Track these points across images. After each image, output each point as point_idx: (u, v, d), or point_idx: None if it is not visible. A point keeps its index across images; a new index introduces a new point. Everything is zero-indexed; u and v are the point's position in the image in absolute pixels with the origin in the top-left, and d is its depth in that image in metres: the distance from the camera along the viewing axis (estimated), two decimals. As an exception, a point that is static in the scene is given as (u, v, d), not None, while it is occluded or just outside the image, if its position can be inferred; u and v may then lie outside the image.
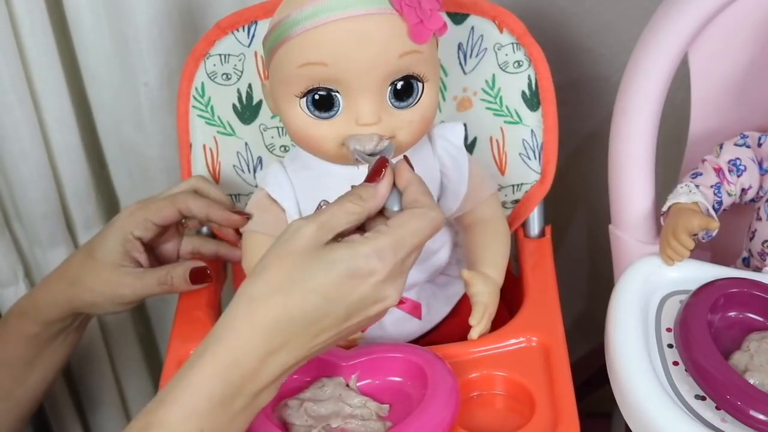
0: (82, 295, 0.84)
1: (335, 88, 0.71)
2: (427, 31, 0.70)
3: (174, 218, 0.84)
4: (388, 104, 0.72)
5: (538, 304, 0.82)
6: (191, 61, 0.87)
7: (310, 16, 0.69)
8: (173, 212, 0.83)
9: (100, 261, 0.83)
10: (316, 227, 0.63)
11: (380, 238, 0.63)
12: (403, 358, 0.74)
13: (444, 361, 0.73)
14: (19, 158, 0.99)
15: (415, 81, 0.72)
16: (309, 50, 0.70)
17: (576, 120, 1.09)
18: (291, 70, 0.71)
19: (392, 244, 0.62)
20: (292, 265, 0.62)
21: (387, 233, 0.63)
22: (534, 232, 0.92)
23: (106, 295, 0.83)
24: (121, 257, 0.83)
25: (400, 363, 0.74)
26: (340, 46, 0.69)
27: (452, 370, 0.72)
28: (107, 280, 0.83)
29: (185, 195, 0.84)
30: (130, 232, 0.83)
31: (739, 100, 0.89)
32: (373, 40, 0.69)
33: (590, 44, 1.06)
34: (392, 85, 0.72)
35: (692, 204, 0.80)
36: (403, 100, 0.73)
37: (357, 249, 0.62)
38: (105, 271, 0.83)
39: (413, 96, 0.73)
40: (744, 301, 0.76)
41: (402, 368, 0.74)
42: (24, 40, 0.95)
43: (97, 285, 0.83)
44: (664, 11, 0.83)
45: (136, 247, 0.83)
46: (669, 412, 0.69)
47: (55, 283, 0.86)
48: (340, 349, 0.75)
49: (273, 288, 0.62)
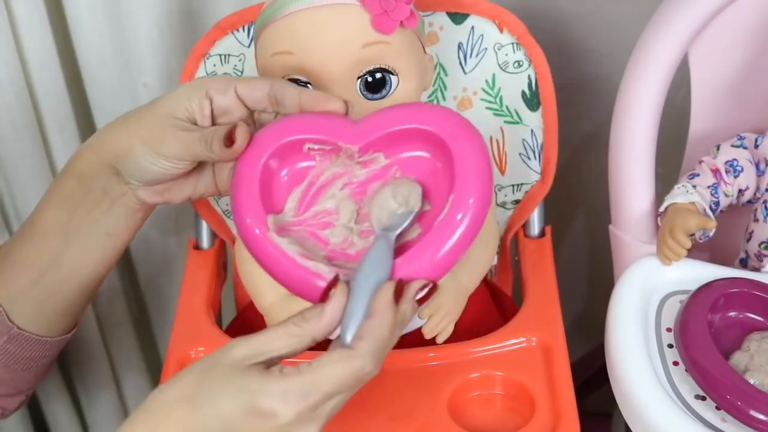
0: (121, 137, 0.73)
1: (305, 78, 0.72)
2: (391, 21, 0.71)
3: (261, 103, 0.71)
4: (360, 96, 0.73)
5: (538, 304, 0.82)
6: (191, 61, 0.87)
7: (279, 7, 0.72)
8: (263, 95, 0.71)
9: (159, 107, 0.72)
10: (247, 348, 0.60)
11: (291, 379, 0.59)
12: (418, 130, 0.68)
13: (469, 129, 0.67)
14: (19, 158, 1.00)
15: (387, 74, 0.73)
16: (277, 40, 0.72)
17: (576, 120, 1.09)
18: (266, 60, 0.74)
19: (302, 389, 0.58)
20: (206, 381, 0.60)
21: (303, 374, 0.59)
22: (534, 232, 0.92)
23: (147, 140, 0.71)
24: (183, 110, 0.71)
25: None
26: (302, 35, 0.71)
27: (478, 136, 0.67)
28: (153, 125, 0.71)
29: (284, 81, 0.72)
30: (206, 89, 0.71)
31: (740, 100, 0.89)
32: (334, 29, 0.71)
33: (590, 44, 1.06)
34: (363, 77, 0.72)
35: (689, 204, 0.80)
36: (375, 93, 0.73)
37: (265, 385, 0.59)
38: (157, 118, 0.72)
39: (385, 88, 0.73)
40: (744, 301, 0.76)
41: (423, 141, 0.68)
42: (23, 41, 0.95)
43: (141, 128, 0.72)
44: (664, 11, 0.83)
45: (203, 106, 0.71)
46: (669, 412, 0.69)
47: (103, 128, 0.76)
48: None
49: (181, 398, 0.60)
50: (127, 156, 0.72)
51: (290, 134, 0.68)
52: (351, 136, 0.67)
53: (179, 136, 0.70)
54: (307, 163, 0.69)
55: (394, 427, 0.72)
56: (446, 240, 0.63)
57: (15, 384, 0.82)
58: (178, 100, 0.72)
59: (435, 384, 0.75)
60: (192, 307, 0.85)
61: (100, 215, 0.76)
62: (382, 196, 0.67)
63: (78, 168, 0.76)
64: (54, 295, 0.78)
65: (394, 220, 0.66)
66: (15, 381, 0.82)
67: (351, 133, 0.67)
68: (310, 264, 0.64)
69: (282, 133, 0.68)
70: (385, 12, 0.71)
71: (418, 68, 0.75)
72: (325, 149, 0.68)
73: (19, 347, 0.79)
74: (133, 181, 0.74)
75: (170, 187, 0.75)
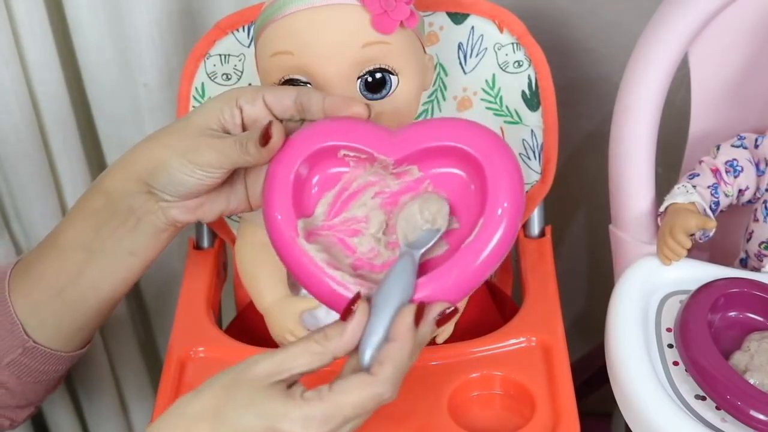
0: (154, 151, 0.72)
1: (305, 78, 0.72)
2: (391, 21, 0.71)
3: (288, 110, 0.71)
4: (360, 96, 0.73)
5: (538, 304, 0.82)
6: (191, 61, 0.87)
7: (279, 7, 0.72)
8: (290, 103, 0.70)
9: (191, 120, 0.72)
10: (270, 365, 0.61)
11: (314, 404, 0.60)
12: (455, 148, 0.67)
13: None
14: (19, 159, 1.00)
15: (387, 74, 0.73)
16: (277, 40, 0.72)
17: (576, 120, 1.09)
18: (266, 61, 0.74)
19: (324, 415, 0.60)
20: (231, 398, 0.60)
21: (324, 400, 0.60)
22: (534, 232, 0.92)
23: (180, 151, 0.70)
24: (216, 121, 0.71)
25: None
26: (302, 34, 0.71)
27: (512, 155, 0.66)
28: (187, 137, 0.71)
29: (309, 89, 0.72)
30: (235, 99, 0.71)
31: (740, 100, 0.89)
32: (334, 29, 0.71)
33: (590, 44, 1.06)
34: (363, 77, 0.72)
35: (689, 204, 0.80)
36: (375, 93, 0.73)
37: (288, 409, 0.60)
38: (190, 130, 0.71)
39: (385, 88, 0.73)
40: (744, 301, 0.76)
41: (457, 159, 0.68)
42: (23, 41, 0.95)
43: (175, 141, 0.71)
44: (664, 11, 0.83)
45: (234, 116, 0.71)
46: (669, 412, 0.69)
47: (135, 145, 0.75)
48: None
49: (204, 413, 0.60)
50: (161, 169, 0.71)
51: (326, 139, 0.67)
52: (388, 148, 0.67)
53: (213, 143, 0.70)
54: (340, 169, 0.69)
55: (394, 427, 0.72)
56: (472, 264, 0.63)
57: (26, 396, 0.82)
58: (210, 112, 0.71)
59: (435, 384, 0.75)
60: (192, 307, 0.85)
61: (125, 234, 0.75)
62: (410, 210, 0.67)
63: (107, 185, 0.75)
64: (72, 311, 0.78)
65: (419, 236, 0.65)
66: (26, 393, 0.82)
67: (388, 145, 0.67)
68: (337, 274, 0.64)
69: (318, 138, 0.67)
70: (385, 12, 0.71)
71: (418, 68, 0.75)
72: (360, 157, 0.68)
73: (33, 360, 0.79)
74: (167, 196, 0.73)
75: (203, 203, 0.74)
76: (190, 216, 0.75)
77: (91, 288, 0.77)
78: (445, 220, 0.66)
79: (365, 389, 0.60)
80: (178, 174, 0.71)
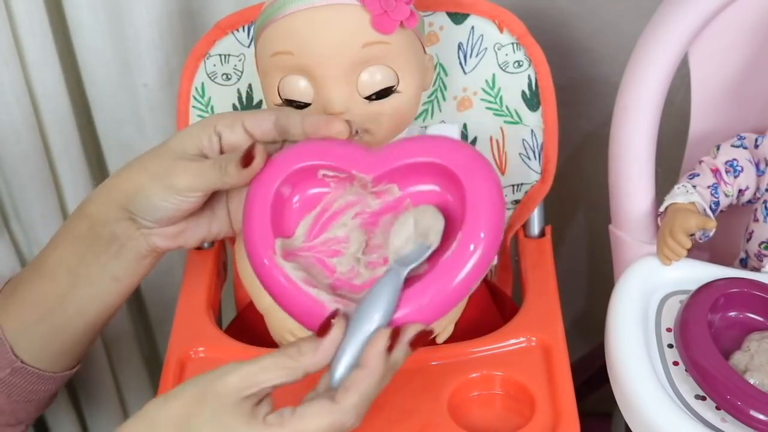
0: (132, 176, 0.73)
1: (305, 78, 0.72)
2: (391, 21, 0.71)
3: (269, 134, 0.71)
4: (358, 95, 0.73)
5: (538, 304, 0.82)
6: (191, 61, 0.87)
7: (279, 7, 0.72)
8: (270, 126, 0.71)
9: (169, 145, 0.72)
10: (240, 378, 0.60)
11: (274, 429, 0.59)
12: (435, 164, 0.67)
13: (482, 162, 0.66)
14: (18, 159, 0.99)
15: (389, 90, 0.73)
16: (277, 40, 0.72)
17: (576, 120, 1.09)
18: (266, 61, 0.74)
19: None
20: (198, 411, 0.60)
21: (284, 425, 0.59)
22: (534, 232, 0.92)
23: (158, 175, 0.71)
24: (193, 147, 0.72)
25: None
26: (302, 34, 0.71)
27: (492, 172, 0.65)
28: (166, 162, 0.71)
29: (288, 109, 0.72)
30: (214, 125, 0.71)
31: (740, 100, 0.89)
32: (334, 29, 0.71)
33: (590, 44, 1.06)
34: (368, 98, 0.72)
35: (689, 204, 0.80)
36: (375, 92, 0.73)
37: (250, 431, 0.59)
38: (168, 155, 0.72)
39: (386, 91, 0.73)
40: (744, 301, 0.76)
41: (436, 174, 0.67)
42: (23, 41, 0.95)
43: (152, 165, 0.72)
44: (664, 11, 0.83)
45: (213, 142, 0.71)
46: (669, 412, 0.69)
47: (115, 172, 0.76)
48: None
49: (169, 423, 0.60)
50: (139, 195, 0.72)
51: (305, 159, 0.67)
52: (365, 166, 0.67)
53: (190, 166, 0.70)
54: (321, 189, 0.69)
55: (394, 427, 0.72)
56: (450, 281, 0.62)
57: (15, 415, 0.82)
58: (188, 137, 0.72)
59: (435, 384, 0.75)
60: (192, 307, 0.85)
61: (109, 260, 0.76)
62: (404, 222, 0.66)
63: (89, 211, 0.75)
64: (59, 333, 0.79)
65: (409, 252, 0.64)
66: (16, 412, 0.82)
67: (365, 163, 0.67)
68: (313, 291, 0.64)
69: (297, 158, 0.68)
70: (385, 12, 0.71)
71: (418, 68, 0.75)
72: (339, 176, 0.68)
73: (22, 380, 0.79)
74: (146, 222, 0.73)
75: (184, 229, 0.75)
76: (171, 242, 0.76)
77: (77, 312, 0.78)
78: (437, 236, 0.64)
79: (327, 417, 0.59)
80: (155, 199, 0.72)
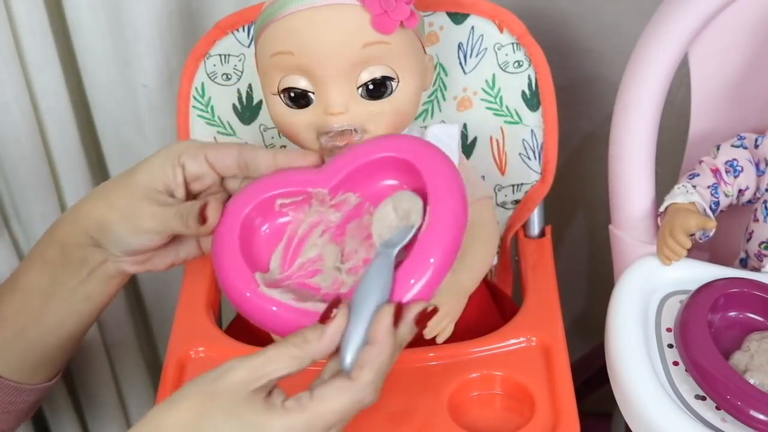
0: (100, 209, 0.74)
1: (305, 78, 0.72)
2: (391, 21, 0.71)
3: (230, 169, 0.73)
4: (358, 95, 0.73)
5: (538, 304, 0.82)
6: (191, 61, 0.87)
7: (279, 7, 0.72)
8: (232, 161, 0.72)
9: (135, 180, 0.73)
10: (247, 371, 0.60)
11: (295, 414, 0.59)
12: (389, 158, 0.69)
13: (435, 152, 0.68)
14: (18, 159, 1.00)
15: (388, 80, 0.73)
16: (277, 40, 0.72)
17: (576, 120, 1.09)
18: (266, 61, 0.74)
19: (306, 424, 0.59)
20: (208, 410, 0.59)
21: (305, 409, 0.59)
22: (534, 232, 0.92)
23: (125, 214, 0.72)
24: (159, 182, 0.73)
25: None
26: (302, 34, 0.71)
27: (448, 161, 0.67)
28: (132, 200, 0.72)
29: (254, 146, 0.73)
30: (178, 156, 0.73)
31: (740, 100, 0.89)
32: (334, 29, 0.71)
33: (590, 44, 1.06)
34: (364, 85, 0.72)
35: (689, 204, 0.80)
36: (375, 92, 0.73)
37: (269, 420, 0.59)
38: (135, 190, 0.73)
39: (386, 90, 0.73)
40: (744, 301, 0.76)
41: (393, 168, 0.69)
42: (23, 42, 0.95)
43: (119, 201, 0.73)
44: (664, 11, 0.83)
45: (176, 174, 0.72)
46: (669, 412, 0.69)
47: (84, 198, 0.77)
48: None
49: (180, 426, 0.59)
50: (107, 229, 0.74)
51: (258, 195, 0.69)
52: (318, 181, 0.69)
53: (156, 212, 0.72)
54: (282, 220, 0.70)
55: (394, 426, 0.72)
56: (430, 255, 0.62)
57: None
58: (154, 171, 0.73)
59: (435, 384, 0.75)
60: (192, 307, 0.85)
61: (80, 282, 0.78)
62: (383, 211, 0.67)
63: (59, 236, 0.77)
64: (35, 348, 0.80)
65: (395, 234, 0.65)
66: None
67: (317, 179, 0.69)
68: (308, 305, 0.64)
69: (250, 197, 0.70)
70: (385, 12, 0.71)
71: (419, 68, 0.75)
72: (296, 201, 0.69)
73: (0, 392, 0.80)
74: (114, 251, 0.75)
75: (151, 257, 0.77)
76: (139, 267, 0.78)
77: (52, 329, 0.80)
78: (419, 215, 0.65)
79: (346, 395, 0.60)
80: (124, 235, 0.73)
